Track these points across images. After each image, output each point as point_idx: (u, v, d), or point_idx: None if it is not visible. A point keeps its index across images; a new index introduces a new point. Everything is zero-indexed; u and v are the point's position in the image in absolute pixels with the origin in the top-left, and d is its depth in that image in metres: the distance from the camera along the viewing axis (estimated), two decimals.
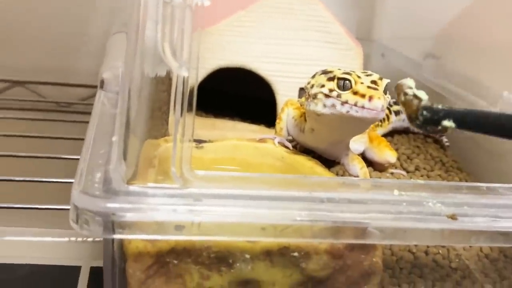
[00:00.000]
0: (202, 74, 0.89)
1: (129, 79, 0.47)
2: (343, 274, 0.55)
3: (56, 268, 0.66)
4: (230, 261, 0.51)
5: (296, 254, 0.52)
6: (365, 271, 0.56)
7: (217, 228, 0.47)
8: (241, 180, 0.51)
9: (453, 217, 0.49)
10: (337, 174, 0.79)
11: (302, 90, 0.91)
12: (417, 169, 0.85)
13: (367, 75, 0.60)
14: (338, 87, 0.59)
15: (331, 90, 0.60)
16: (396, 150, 0.85)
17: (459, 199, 0.51)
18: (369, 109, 0.57)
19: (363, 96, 0.57)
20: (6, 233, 0.69)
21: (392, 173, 0.82)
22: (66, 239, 0.68)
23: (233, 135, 0.87)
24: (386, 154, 0.80)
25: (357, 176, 0.69)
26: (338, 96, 0.59)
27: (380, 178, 0.79)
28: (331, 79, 0.60)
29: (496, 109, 0.84)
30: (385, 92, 0.59)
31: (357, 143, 0.80)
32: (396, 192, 0.51)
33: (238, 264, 0.52)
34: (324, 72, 0.63)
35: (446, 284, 0.64)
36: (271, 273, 0.54)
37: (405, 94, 0.59)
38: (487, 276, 0.67)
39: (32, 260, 0.67)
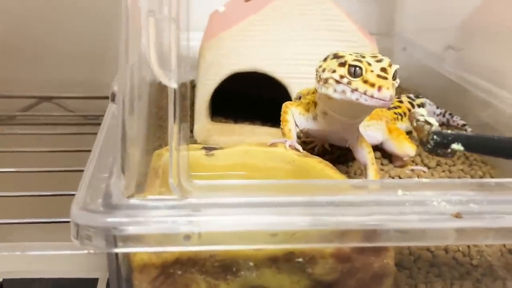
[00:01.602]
0: (217, 80, 0.89)
1: (122, 92, 0.47)
2: (352, 277, 0.54)
3: (74, 281, 0.67)
4: (235, 269, 0.51)
5: (301, 259, 0.52)
6: (376, 273, 0.55)
7: (218, 237, 0.48)
8: (240, 188, 0.50)
9: (458, 215, 0.48)
10: (354, 174, 0.79)
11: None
12: (438, 164, 0.83)
13: (378, 61, 0.61)
14: (349, 73, 0.60)
15: (342, 77, 0.61)
16: (417, 146, 0.84)
17: (466, 196, 0.50)
18: (378, 98, 0.58)
19: (372, 85, 0.58)
20: (26, 247, 0.71)
21: (412, 170, 0.81)
22: (84, 251, 0.69)
23: (252, 140, 0.87)
24: (405, 146, 0.79)
25: (365, 161, 0.70)
26: (349, 83, 0.60)
27: (399, 175, 0.78)
28: (342, 64, 0.61)
29: None
30: (394, 77, 0.61)
31: (375, 131, 0.79)
32: (400, 192, 0.50)
33: (243, 272, 0.52)
34: (336, 57, 0.64)
35: (465, 283, 0.62)
36: (278, 279, 0.53)
37: (417, 120, 0.63)
38: (510, 272, 0.65)
39: (50, 274, 0.68)
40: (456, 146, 0.51)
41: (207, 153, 0.68)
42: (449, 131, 0.54)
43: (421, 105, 0.91)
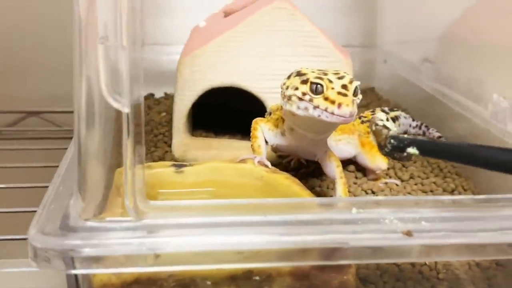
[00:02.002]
0: (195, 95, 0.90)
1: (77, 110, 0.48)
2: None
3: None
4: None
5: (257, 277, 0.52)
6: None
7: (175, 258, 0.48)
8: (197, 208, 0.51)
9: (408, 233, 0.48)
10: (327, 188, 0.80)
11: None
12: (411, 177, 0.84)
13: (339, 78, 0.62)
14: (311, 91, 0.62)
15: (304, 94, 0.62)
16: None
17: (419, 214, 0.51)
18: (338, 115, 0.60)
19: (333, 102, 0.60)
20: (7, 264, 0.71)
21: (386, 183, 0.81)
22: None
23: (229, 154, 0.88)
24: (378, 160, 0.80)
25: (333, 175, 0.70)
26: (311, 100, 0.62)
27: (372, 188, 0.79)
28: (304, 82, 0.63)
29: (487, 111, 0.82)
30: (355, 94, 0.62)
31: (347, 145, 0.80)
32: (354, 210, 0.51)
33: None
34: (299, 74, 0.65)
35: None
36: None
37: (376, 124, 0.69)
38: (478, 286, 0.66)
39: None
40: (412, 150, 0.54)
41: (176, 170, 0.69)
42: (405, 136, 0.57)
43: (395, 118, 0.92)
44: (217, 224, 0.49)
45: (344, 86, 0.61)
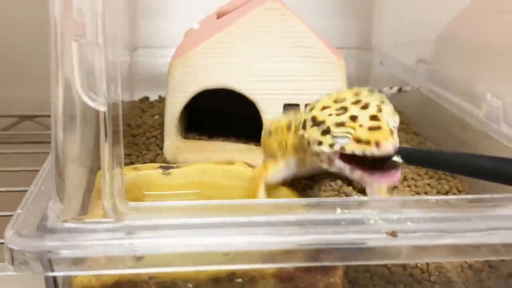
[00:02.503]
0: (187, 97, 0.90)
1: (54, 111, 0.47)
2: None
3: None
4: None
5: (240, 280, 0.51)
6: None
7: (155, 259, 0.47)
8: (177, 210, 0.50)
9: (393, 234, 0.47)
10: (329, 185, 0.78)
11: (287, 106, 0.90)
12: (404, 179, 0.82)
13: (363, 107, 0.51)
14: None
15: (331, 146, 0.52)
16: None
17: (404, 214, 0.50)
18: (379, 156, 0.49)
19: (368, 143, 0.49)
20: None
21: None
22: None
23: (222, 157, 0.87)
24: None
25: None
26: (342, 156, 0.52)
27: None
28: (325, 132, 0.52)
29: (481, 111, 0.81)
30: (389, 118, 0.52)
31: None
32: (338, 210, 0.50)
33: None
34: (314, 122, 0.54)
35: None
36: None
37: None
38: None
39: None
40: (396, 159, 0.51)
41: (163, 172, 0.69)
42: None
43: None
44: (198, 225, 0.48)
45: (374, 117, 0.50)
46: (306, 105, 0.59)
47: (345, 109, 0.52)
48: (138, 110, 1.13)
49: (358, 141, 0.50)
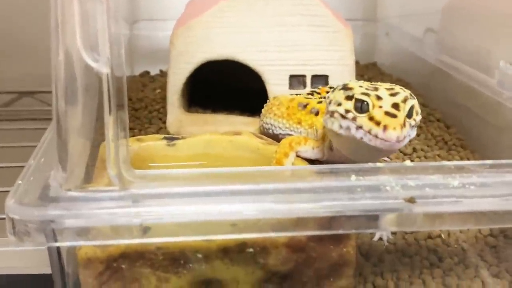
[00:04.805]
0: (190, 69, 0.87)
1: (55, 81, 0.45)
2: (309, 267, 0.52)
3: (28, 277, 0.65)
4: (183, 262, 0.49)
5: (251, 250, 0.49)
6: (335, 263, 0.53)
7: (163, 229, 0.46)
8: (184, 178, 0.48)
9: (411, 200, 0.45)
10: None
11: (292, 78, 0.88)
12: (414, 150, 0.81)
13: (392, 94, 0.54)
14: (355, 108, 0.54)
15: (347, 111, 0.54)
16: None
17: (422, 180, 0.47)
18: (382, 139, 0.52)
19: (378, 123, 0.52)
20: None
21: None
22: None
23: (226, 129, 0.85)
24: None
25: None
26: (354, 119, 0.54)
27: None
28: (349, 98, 0.55)
29: (493, 80, 0.79)
30: (410, 114, 0.53)
31: None
32: (353, 177, 0.48)
33: (192, 265, 0.50)
34: (344, 88, 0.57)
35: (436, 272, 0.60)
36: (232, 271, 0.51)
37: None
38: (484, 259, 0.63)
39: (4, 271, 0.66)
40: None
41: (168, 143, 0.66)
42: None
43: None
44: (207, 193, 0.46)
45: (396, 105, 0.52)
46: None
47: (376, 88, 0.55)
48: (139, 84, 1.11)
49: (371, 118, 0.52)
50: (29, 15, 1.23)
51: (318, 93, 0.76)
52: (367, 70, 1.19)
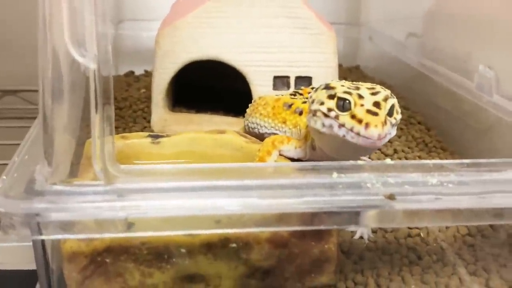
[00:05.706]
0: (175, 68, 0.88)
1: (42, 78, 0.45)
2: (291, 263, 0.53)
3: (14, 273, 0.65)
4: (166, 256, 0.50)
5: (234, 245, 0.50)
6: (317, 259, 0.54)
7: (147, 223, 0.46)
8: (169, 173, 0.49)
9: (391, 197, 0.46)
10: None
11: (276, 79, 0.89)
12: (395, 152, 0.82)
13: (373, 93, 0.55)
14: (337, 107, 0.55)
15: (329, 110, 0.56)
16: None
17: (402, 178, 0.49)
18: (364, 137, 0.53)
19: (360, 121, 0.53)
20: None
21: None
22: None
23: (210, 129, 0.85)
24: None
25: None
26: (336, 117, 0.55)
27: None
28: (331, 97, 0.56)
29: (472, 83, 0.81)
30: (391, 113, 0.55)
31: None
32: (335, 174, 0.49)
33: (175, 260, 0.50)
34: (327, 87, 0.58)
35: (414, 269, 0.61)
36: (215, 266, 0.52)
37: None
38: (461, 257, 0.64)
39: None
40: None
41: (153, 141, 0.67)
42: None
43: None
44: (191, 188, 0.46)
45: (377, 104, 0.54)
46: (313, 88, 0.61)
47: (357, 88, 0.56)
48: (124, 84, 1.11)
49: (353, 117, 0.54)
50: (12, 14, 1.23)
51: (301, 94, 0.76)
52: (350, 73, 1.21)
